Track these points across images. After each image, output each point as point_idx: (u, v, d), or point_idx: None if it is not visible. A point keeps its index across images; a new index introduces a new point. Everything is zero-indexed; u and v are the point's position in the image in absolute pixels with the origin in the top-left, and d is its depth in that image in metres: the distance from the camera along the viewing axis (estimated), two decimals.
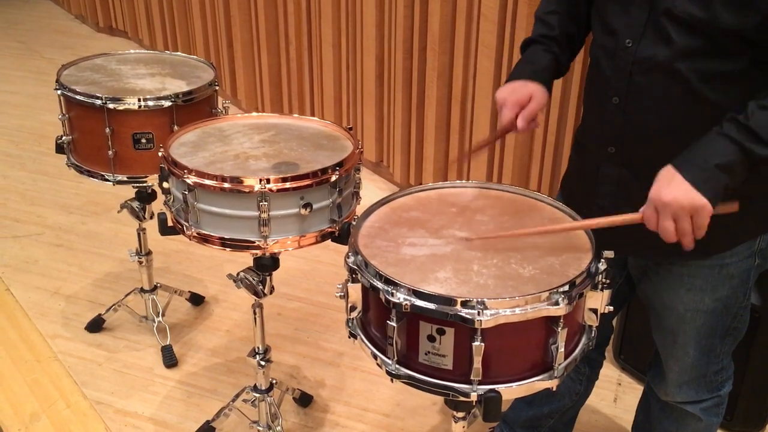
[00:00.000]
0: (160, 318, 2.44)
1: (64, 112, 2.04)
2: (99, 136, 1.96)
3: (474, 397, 1.13)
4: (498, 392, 1.12)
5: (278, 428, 1.95)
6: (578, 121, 1.59)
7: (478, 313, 1.07)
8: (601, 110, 1.37)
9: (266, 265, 1.66)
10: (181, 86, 2.07)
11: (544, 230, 1.32)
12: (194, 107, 2.02)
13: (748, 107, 1.14)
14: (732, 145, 1.13)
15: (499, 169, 2.89)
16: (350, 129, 1.73)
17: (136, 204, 2.23)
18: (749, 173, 1.16)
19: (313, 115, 3.72)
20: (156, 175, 1.62)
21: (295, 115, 1.84)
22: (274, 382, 1.97)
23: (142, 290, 2.46)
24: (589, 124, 1.46)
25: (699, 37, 1.19)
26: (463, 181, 1.51)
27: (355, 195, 1.66)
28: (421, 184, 2.54)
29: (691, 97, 1.24)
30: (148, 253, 2.39)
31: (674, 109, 1.26)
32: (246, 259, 1.69)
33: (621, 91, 1.31)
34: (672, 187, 1.14)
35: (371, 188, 3.43)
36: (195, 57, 2.32)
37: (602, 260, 1.20)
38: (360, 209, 1.45)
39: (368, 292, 1.19)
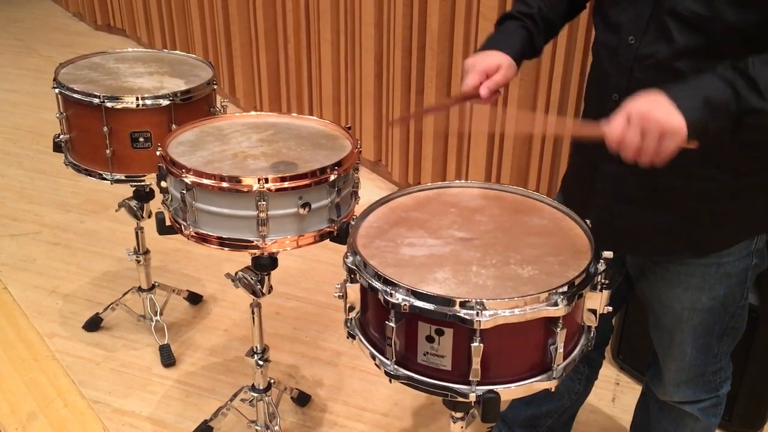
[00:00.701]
0: (158, 317, 2.44)
1: (61, 110, 2.03)
2: (97, 135, 1.96)
3: (472, 397, 1.13)
4: (496, 393, 1.12)
5: (276, 428, 1.95)
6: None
7: (477, 314, 1.07)
8: (600, 108, 1.37)
9: (264, 264, 1.66)
10: (179, 85, 2.06)
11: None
12: (192, 106, 2.01)
13: (749, 59, 1.10)
14: (727, 86, 1.09)
15: (497, 169, 2.89)
16: (349, 128, 1.72)
17: (134, 203, 2.23)
18: (731, 127, 1.11)
19: (311, 114, 3.72)
20: (154, 174, 1.61)
21: (294, 115, 1.84)
22: (272, 381, 1.96)
23: (140, 289, 2.45)
24: (589, 122, 1.45)
25: (700, 36, 1.19)
26: (462, 181, 1.51)
27: (354, 194, 1.66)
28: (419, 183, 2.54)
29: None
30: (146, 252, 2.38)
31: None
32: (244, 258, 1.68)
33: (621, 88, 1.31)
34: (653, 103, 1.09)
35: (370, 188, 3.43)
36: (193, 56, 2.32)
37: (601, 261, 1.20)
38: (359, 209, 1.45)
39: (367, 292, 1.19)
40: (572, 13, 1.53)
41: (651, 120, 1.07)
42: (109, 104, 1.92)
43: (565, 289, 1.12)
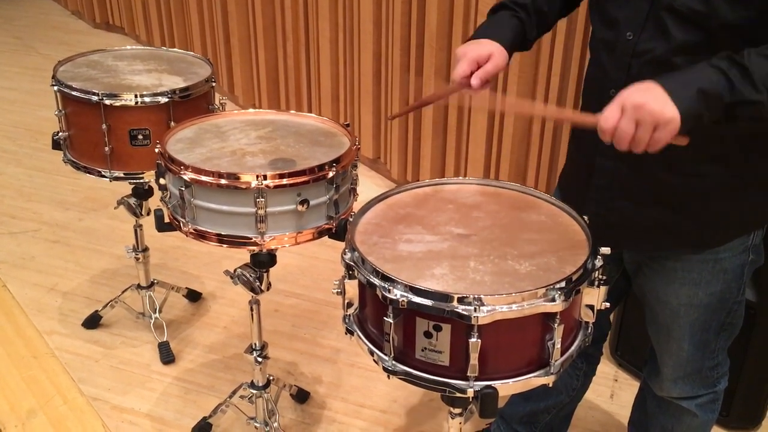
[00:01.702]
0: (157, 314, 2.44)
1: (60, 108, 2.04)
2: (95, 132, 1.96)
3: (470, 393, 1.13)
4: (494, 388, 1.13)
5: (275, 424, 1.95)
6: None
7: (475, 310, 1.07)
8: (598, 103, 1.36)
9: (263, 261, 1.66)
10: (177, 82, 2.06)
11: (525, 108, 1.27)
12: (191, 103, 2.02)
13: (745, 50, 1.10)
14: (720, 76, 1.09)
15: (496, 166, 2.89)
16: (347, 125, 1.73)
17: (132, 200, 2.23)
18: (724, 118, 1.11)
19: (310, 111, 3.72)
20: (153, 172, 1.62)
21: (292, 112, 1.84)
22: (271, 378, 1.97)
23: (139, 287, 2.46)
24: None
25: (697, 32, 1.20)
26: (460, 178, 1.51)
27: (352, 191, 1.66)
28: (418, 180, 2.54)
29: None
30: (145, 249, 2.38)
31: None
32: (243, 255, 1.69)
33: (619, 84, 1.31)
34: (648, 93, 1.09)
35: (368, 185, 3.43)
36: (192, 53, 2.32)
37: (599, 257, 1.20)
38: (357, 206, 1.45)
39: (365, 288, 1.19)
40: (567, 9, 1.53)
41: (645, 110, 1.07)
42: (107, 102, 1.92)
43: (563, 284, 1.12)
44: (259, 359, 1.88)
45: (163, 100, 1.95)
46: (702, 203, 1.33)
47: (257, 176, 1.45)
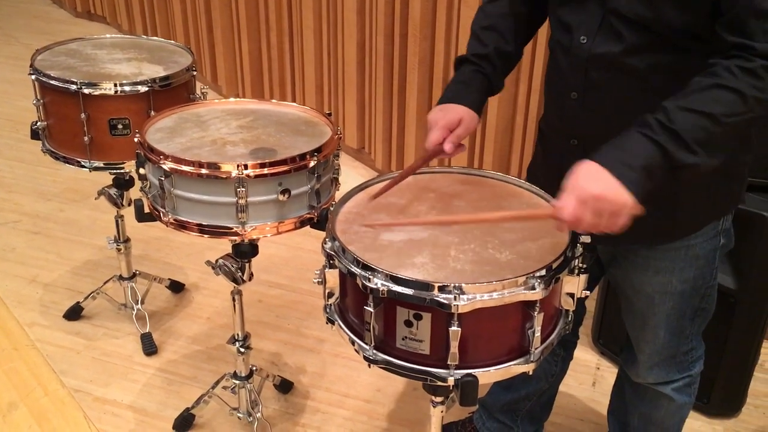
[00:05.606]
0: (140, 306, 2.43)
1: (38, 97, 2.01)
2: (74, 122, 1.94)
3: (451, 381, 1.14)
4: (474, 376, 1.13)
5: (258, 415, 1.95)
6: None
7: (455, 298, 1.08)
8: (561, 105, 1.38)
9: (245, 251, 1.65)
10: (158, 71, 2.04)
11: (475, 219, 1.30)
12: (171, 93, 2.00)
13: (666, 108, 1.11)
14: (656, 148, 1.11)
15: (479, 158, 2.89)
16: (329, 115, 1.72)
17: (113, 191, 2.20)
18: (668, 177, 1.14)
19: (294, 101, 3.70)
20: (133, 162, 1.60)
21: (274, 101, 1.83)
22: (254, 369, 1.96)
23: (120, 278, 2.44)
24: (551, 118, 1.47)
25: (648, 34, 1.21)
26: (442, 167, 1.51)
27: (334, 181, 1.66)
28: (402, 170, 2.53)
29: (647, 90, 1.25)
30: (127, 240, 2.37)
31: (631, 102, 1.27)
32: (226, 246, 1.68)
33: (579, 87, 1.32)
34: (602, 182, 1.11)
35: (352, 175, 3.42)
36: (173, 42, 2.30)
37: (578, 245, 1.21)
38: (339, 195, 1.44)
39: (345, 277, 1.19)
40: (532, 33, 1.53)
41: (603, 201, 1.10)
42: (86, 91, 1.90)
43: (543, 273, 1.13)
44: (242, 350, 1.88)
45: (143, 89, 1.93)
46: (674, 195, 1.34)
47: (238, 166, 1.45)
